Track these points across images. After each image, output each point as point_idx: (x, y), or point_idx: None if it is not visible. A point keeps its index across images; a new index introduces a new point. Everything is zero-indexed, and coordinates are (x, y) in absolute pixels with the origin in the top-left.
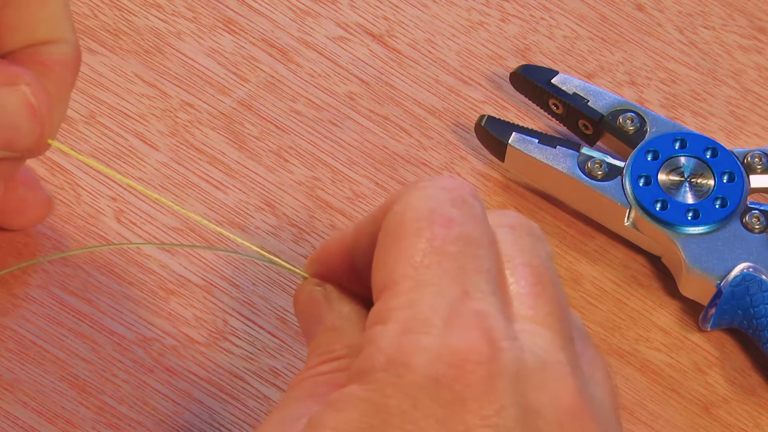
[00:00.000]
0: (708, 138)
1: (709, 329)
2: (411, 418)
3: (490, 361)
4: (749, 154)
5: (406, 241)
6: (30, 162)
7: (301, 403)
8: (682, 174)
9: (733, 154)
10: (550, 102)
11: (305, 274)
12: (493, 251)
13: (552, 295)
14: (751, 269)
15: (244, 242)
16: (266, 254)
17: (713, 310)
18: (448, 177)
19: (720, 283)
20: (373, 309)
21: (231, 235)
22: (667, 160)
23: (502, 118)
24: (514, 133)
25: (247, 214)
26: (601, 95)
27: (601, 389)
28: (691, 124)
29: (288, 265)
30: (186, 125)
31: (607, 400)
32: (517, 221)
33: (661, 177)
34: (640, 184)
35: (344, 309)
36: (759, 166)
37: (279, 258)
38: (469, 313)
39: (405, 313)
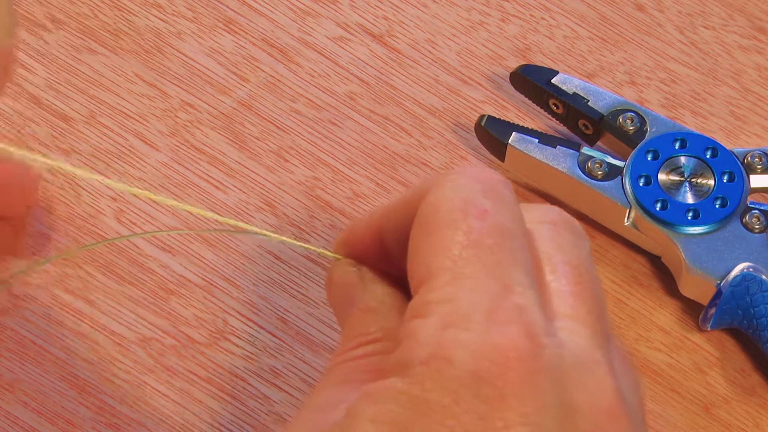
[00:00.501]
0: (708, 138)
1: (709, 329)
2: (451, 413)
3: (531, 358)
4: (749, 154)
5: (442, 233)
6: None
7: (338, 389)
8: (682, 174)
9: (733, 154)
10: (550, 102)
11: (338, 256)
12: (526, 241)
13: (592, 293)
14: (751, 269)
15: (264, 232)
16: (296, 242)
17: (713, 310)
18: (478, 167)
19: (720, 283)
20: (412, 302)
21: (245, 225)
22: (667, 160)
23: (502, 118)
24: (514, 133)
25: (247, 214)
26: (601, 95)
27: (631, 391)
28: (691, 124)
29: (319, 249)
30: (186, 125)
31: (636, 401)
32: (559, 218)
33: (661, 177)
34: (640, 184)
35: (379, 290)
36: (759, 166)
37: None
38: (510, 308)
39: (445, 308)
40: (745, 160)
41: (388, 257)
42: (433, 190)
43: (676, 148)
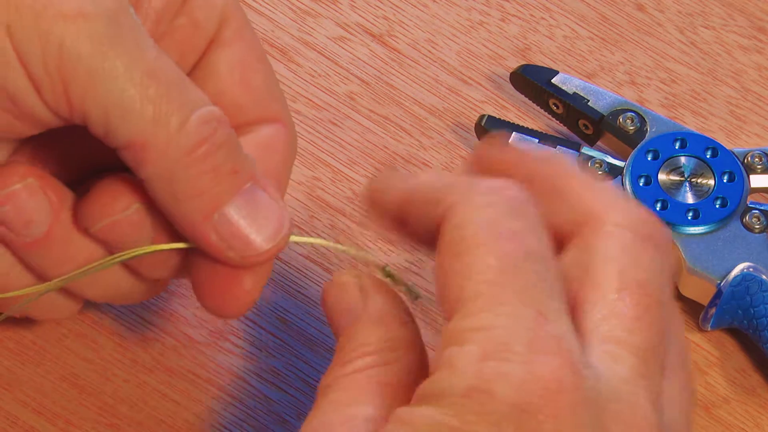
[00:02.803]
0: (708, 138)
1: (709, 329)
2: None
3: (572, 390)
4: (749, 154)
5: (473, 256)
6: None
7: (346, 405)
8: (682, 174)
9: (733, 153)
10: (551, 102)
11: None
12: (554, 258)
13: (655, 320)
14: (751, 269)
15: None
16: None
17: (713, 310)
18: (500, 181)
19: (720, 283)
20: (447, 328)
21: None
22: (667, 160)
23: (502, 118)
24: (514, 133)
25: None
26: (601, 95)
27: (681, 422)
28: (691, 124)
29: (376, 261)
30: None
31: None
32: (646, 228)
33: (662, 177)
34: (641, 184)
35: (380, 301)
36: (759, 166)
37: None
38: (548, 338)
39: (483, 336)
40: (745, 160)
41: (406, 228)
42: (458, 209)
43: (676, 148)
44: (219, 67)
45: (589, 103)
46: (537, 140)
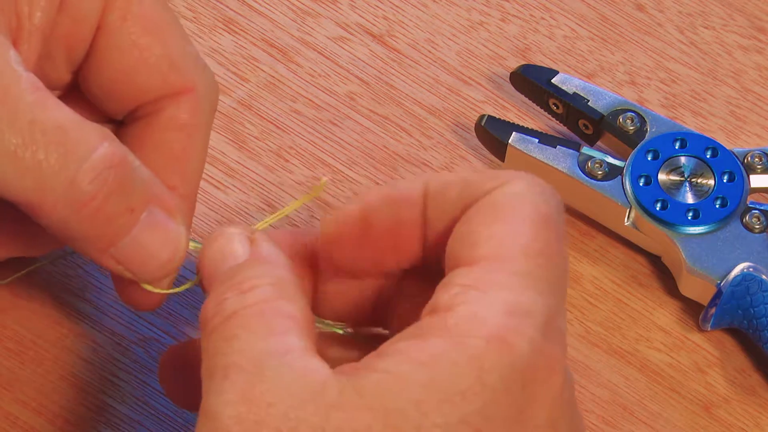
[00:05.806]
0: (708, 138)
1: (709, 329)
2: (495, 399)
3: (562, 373)
4: (749, 154)
5: (524, 228)
6: None
7: (278, 334)
8: (682, 174)
9: (733, 153)
10: (550, 102)
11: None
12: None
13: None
14: (751, 269)
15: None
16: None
17: (713, 310)
18: (532, 176)
19: (720, 283)
20: (471, 270)
21: None
22: (667, 159)
23: (502, 118)
24: (514, 132)
25: (247, 214)
26: (601, 95)
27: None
28: (691, 124)
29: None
30: None
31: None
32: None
33: (661, 177)
34: (641, 184)
35: (266, 246)
36: (759, 166)
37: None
38: (558, 328)
39: (511, 295)
40: (745, 160)
41: (366, 243)
42: (505, 184)
43: (676, 148)
44: (110, 53)
45: (589, 103)
46: (537, 140)
